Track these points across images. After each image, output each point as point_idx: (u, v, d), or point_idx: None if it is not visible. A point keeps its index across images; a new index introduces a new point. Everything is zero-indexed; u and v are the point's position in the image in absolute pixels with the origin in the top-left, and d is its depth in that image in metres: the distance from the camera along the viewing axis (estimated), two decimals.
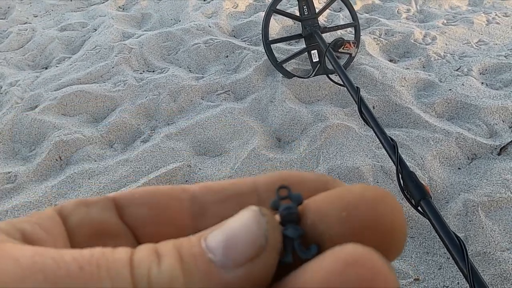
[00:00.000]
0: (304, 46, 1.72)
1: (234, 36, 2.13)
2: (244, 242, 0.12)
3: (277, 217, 0.14)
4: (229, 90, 1.69)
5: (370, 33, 2.00)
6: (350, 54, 1.72)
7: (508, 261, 0.98)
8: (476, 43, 1.93)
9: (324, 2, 2.15)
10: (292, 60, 1.75)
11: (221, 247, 0.12)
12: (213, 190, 0.16)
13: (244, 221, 0.12)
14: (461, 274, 0.83)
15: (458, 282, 0.97)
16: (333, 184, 0.16)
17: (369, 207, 0.12)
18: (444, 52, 1.85)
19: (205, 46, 1.96)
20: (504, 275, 0.96)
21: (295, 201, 0.14)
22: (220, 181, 0.17)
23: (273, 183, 0.16)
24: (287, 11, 1.93)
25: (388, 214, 0.12)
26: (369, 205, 0.12)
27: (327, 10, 2.24)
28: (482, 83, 1.66)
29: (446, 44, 1.91)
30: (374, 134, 1.22)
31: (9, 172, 1.38)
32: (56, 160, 1.43)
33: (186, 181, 1.30)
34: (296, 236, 0.13)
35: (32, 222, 0.14)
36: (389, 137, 1.05)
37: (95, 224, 0.15)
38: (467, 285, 0.94)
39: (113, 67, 1.87)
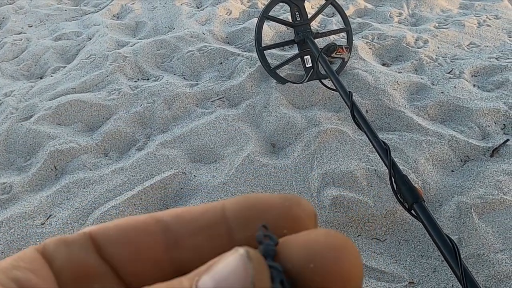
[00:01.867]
0: (297, 51, 1.74)
1: (228, 43, 2.14)
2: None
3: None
4: (223, 97, 1.70)
5: (362, 37, 2.02)
6: (343, 59, 1.73)
7: (502, 263, 0.99)
8: (467, 45, 1.95)
9: (317, 8, 2.17)
10: (285, 66, 1.76)
11: None
12: (185, 220, 0.16)
13: (231, 267, 0.13)
14: (455, 276, 0.84)
15: (452, 285, 0.98)
16: (297, 210, 0.16)
17: (332, 257, 0.14)
18: (436, 55, 1.87)
19: (199, 53, 1.97)
20: (498, 276, 0.97)
21: (272, 240, 0.15)
22: (191, 209, 0.17)
23: (241, 210, 0.16)
24: (279, 17, 1.95)
25: (349, 261, 0.14)
26: (332, 254, 0.14)
27: (320, 15, 2.26)
28: (474, 85, 1.67)
29: (438, 47, 1.93)
30: (367, 138, 1.23)
31: (4, 183, 1.38)
32: (51, 169, 1.44)
33: (181, 188, 1.31)
34: (281, 269, 0.14)
35: (22, 268, 0.15)
36: (382, 140, 1.06)
37: (78, 265, 0.16)
38: (461, 287, 0.95)
39: (107, 76, 1.87)
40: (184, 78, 1.87)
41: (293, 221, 0.16)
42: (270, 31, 2.13)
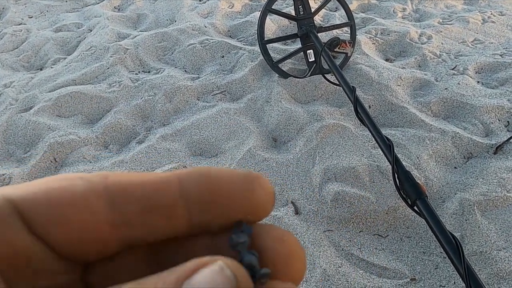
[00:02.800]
0: (300, 46, 1.72)
1: (230, 36, 2.12)
2: None
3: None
4: (225, 91, 1.69)
5: (366, 32, 2.00)
6: (346, 54, 1.72)
7: (505, 260, 0.98)
8: (471, 42, 1.94)
9: (320, 2, 2.14)
10: (288, 60, 1.75)
11: None
12: (135, 197, 0.14)
13: (213, 283, 0.12)
14: (458, 273, 0.83)
15: (454, 282, 0.97)
16: (260, 193, 0.15)
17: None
18: (440, 51, 1.85)
19: (201, 46, 1.95)
20: (501, 274, 0.96)
21: (247, 233, 0.15)
22: (140, 180, 0.15)
23: (200, 191, 0.15)
24: (282, 10, 1.93)
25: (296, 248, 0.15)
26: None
27: (323, 10, 2.24)
28: (478, 82, 1.66)
29: (442, 43, 1.91)
30: (370, 133, 1.22)
31: (3, 174, 1.37)
32: (51, 161, 1.42)
33: None
34: (256, 263, 0.14)
35: None
36: (385, 136, 1.05)
37: (7, 245, 0.13)
38: (464, 284, 0.94)
39: (108, 68, 1.86)
40: (185, 71, 1.86)
41: (256, 206, 0.15)
42: (272, 25, 2.11)
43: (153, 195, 0.14)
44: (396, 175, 0.96)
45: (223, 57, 1.90)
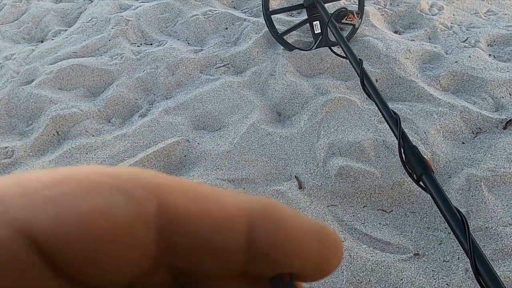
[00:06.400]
0: (306, 17, 1.66)
1: (234, 7, 2.06)
2: None
3: None
4: (228, 63, 1.65)
5: (374, 3, 1.93)
6: (354, 25, 1.66)
7: (510, 236, 0.97)
8: (484, 13, 1.86)
9: None
10: (293, 32, 1.70)
11: None
12: (189, 229, 0.11)
13: None
14: (462, 249, 0.82)
15: (458, 257, 0.96)
16: (333, 258, 0.13)
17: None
18: (451, 23, 1.79)
19: (204, 17, 1.90)
20: (506, 250, 0.95)
21: None
22: (198, 201, 0.11)
23: (268, 243, 0.12)
24: None
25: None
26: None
27: None
28: (490, 55, 1.61)
29: (453, 15, 1.84)
30: (376, 107, 1.19)
31: (6, 147, 1.36)
32: (54, 135, 1.42)
33: (185, 156, 1.28)
34: None
35: None
36: (392, 110, 1.02)
37: None
38: (468, 260, 0.93)
39: (109, 40, 1.82)
40: (188, 43, 1.82)
41: (320, 266, 0.13)
42: None
43: (213, 237, 0.11)
44: (402, 150, 0.93)
45: (226, 29, 1.85)
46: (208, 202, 0.11)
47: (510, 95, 1.40)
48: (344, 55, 1.29)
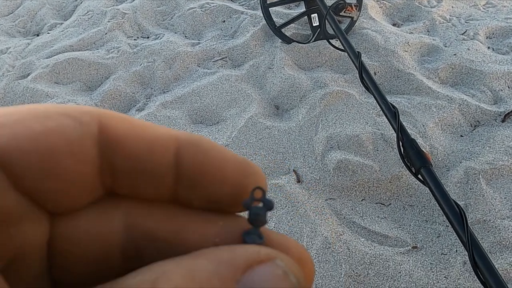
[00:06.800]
0: (304, 9, 1.65)
1: (231, 0, 2.04)
2: None
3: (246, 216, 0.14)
4: (226, 57, 1.64)
5: None
6: (352, 18, 1.65)
7: (508, 229, 0.97)
8: (483, 5, 1.85)
9: None
10: (291, 25, 1.68)
11: None
12: (125, 151, 0.12)
13: (272, 283, 0.11)
14: (460, 242, 0.82)
15: (456, 250, 0.97)
16: (253, 180, 0.14)
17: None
18: (450, 15, 1.78)
19: (201, 10, 1.88)
20: (503, 242, 0.96)
21: (266, 206, 0.14)
22: (134, 127, 0.13)
23: (196, 165, 0.13)
24: None
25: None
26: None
27: None
28: (489, 47, 1.60)
29: (452, 7, 1.83)
30: (374, 101, 1.18)
31: None
32: None
33: None
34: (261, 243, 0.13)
35: None
36: (390, 103, 1.02)
37: None
38: (466, 252, 0.93)
39: (106, 34, 1.80)
40: (185, 36, 1.80)
41: (246, 193, 0.14)
42: None
43: (146, 157, 0.13)
44: (400, 143, 0.93)
45: (224, 21, 1.84)
46: (143, 128, 0.13)
47: (509, 88, 1.40)
48: (343, 48, 1.28)
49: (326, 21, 1.43)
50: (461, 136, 1.26)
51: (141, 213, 0.13)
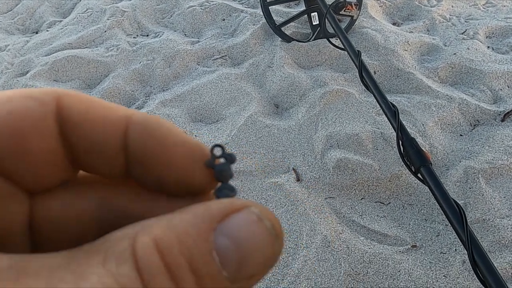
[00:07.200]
0: (304, 8, 1.65)
1: None
2: (257, 264, 0.12)
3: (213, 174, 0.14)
4: (225, 55, 1.64)
5: None
6: (352, 17, 1.65)
7: (507, 228, 0.97)
8: (483, 5, 1.85)
9: None
10: (291, 23, 1.68)
11: (235, 265, 0.12)
12: (80, 130, 0.13)
13: (259, 242, 0.12)
14: (459, 240, 0.82)
15: (455, 249, 0.97)
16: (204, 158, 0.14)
17: None
18: (450, 15, 1.78)
19: (201, 8, 1.88)
20: (503, 241, 0.96)
21: (229, 160, 0.14)
22: (90, 107, 0.13)
23: (145, 146, 0.13)
24: None
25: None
26: None
27: None
28: (488, 47, 1.60)
29: (452, 6, 1.83)
30: (374, 100, 1.18)
31: None
32: None
33: None
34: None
35: None
36: (390, 102, 1.02)
37: None
38: (465, 251, 0.93)
39: (105, 31, 1.80)
40: (185, 34, 1.80)
41: (197, 181, 0.14)
42: None
43: (97, 137, 0.13)
44: (400, 142, 0.93)
45: (224, 20, 1.83)
46: (99, 109, 0.13)
47: (508, 87, 1.40)
48: (342, 47, 1.28)
49: (326, 19, 1.43)
50: (461, 135, 1.26)
51: (112, 192, 0.14)
